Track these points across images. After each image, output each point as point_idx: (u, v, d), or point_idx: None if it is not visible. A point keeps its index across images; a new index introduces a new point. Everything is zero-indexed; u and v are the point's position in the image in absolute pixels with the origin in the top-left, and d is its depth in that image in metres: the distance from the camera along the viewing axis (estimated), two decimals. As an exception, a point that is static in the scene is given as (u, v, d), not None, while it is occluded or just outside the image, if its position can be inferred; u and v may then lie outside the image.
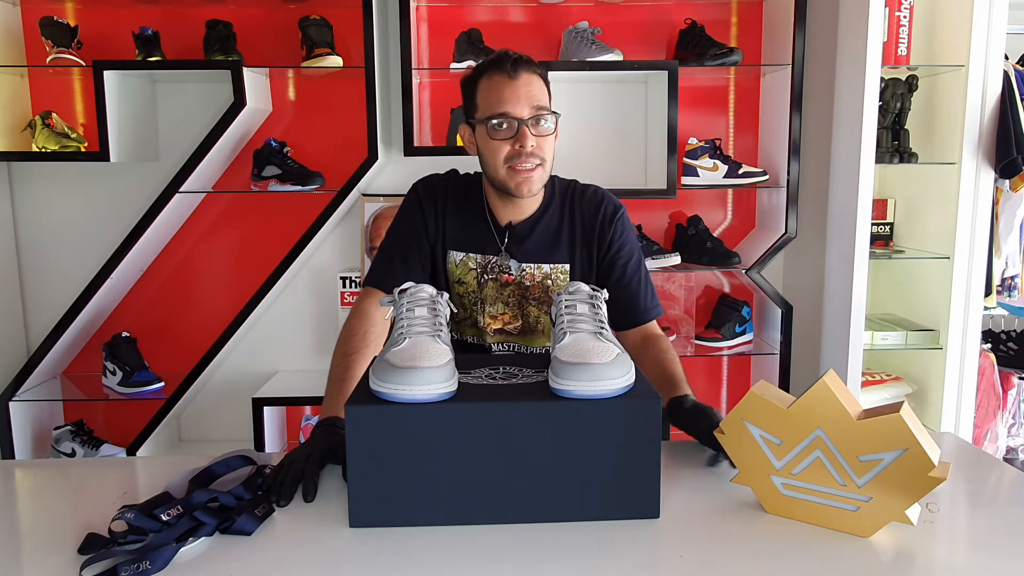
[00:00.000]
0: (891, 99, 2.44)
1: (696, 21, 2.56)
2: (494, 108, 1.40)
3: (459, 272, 1.52)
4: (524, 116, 1.39)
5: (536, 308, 1.51)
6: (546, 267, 1.51)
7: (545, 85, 1.45)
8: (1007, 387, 2.64)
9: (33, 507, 1.15)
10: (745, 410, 1.02)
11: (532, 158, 1.40)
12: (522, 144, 1.39)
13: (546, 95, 1.45)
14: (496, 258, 1.51)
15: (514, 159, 1.40)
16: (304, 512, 1.05)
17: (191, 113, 2.64)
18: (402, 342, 1.05)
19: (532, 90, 1.40)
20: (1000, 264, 2.49)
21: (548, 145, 1.44)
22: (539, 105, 1.41)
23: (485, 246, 1.52)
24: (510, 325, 1.53)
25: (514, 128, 1.39)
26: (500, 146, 1.41)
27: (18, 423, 2.56)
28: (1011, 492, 1.15)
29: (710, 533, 0.99)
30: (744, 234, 2.83)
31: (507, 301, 1.52)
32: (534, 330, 1.53)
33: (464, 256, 1.52)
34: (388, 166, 2.69)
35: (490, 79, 1.41)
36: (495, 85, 1.40)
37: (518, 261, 1.50)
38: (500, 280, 1.51)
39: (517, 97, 1.39)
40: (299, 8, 2.57)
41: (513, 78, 1.39)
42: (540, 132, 1.41)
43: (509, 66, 1.39)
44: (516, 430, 0.99)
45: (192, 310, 2.77)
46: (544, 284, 1.51)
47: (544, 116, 1.41)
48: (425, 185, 1.56)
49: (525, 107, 1.39)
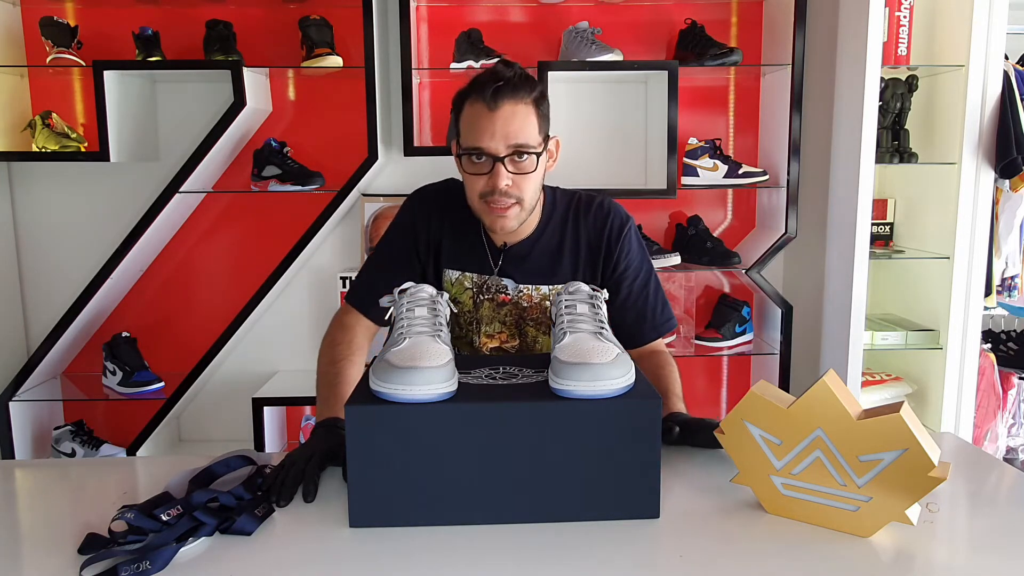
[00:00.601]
0: (891, 99, 2.44)
1: (696, 21, 2.56)
2: (470, 140, 1.31)
3: (455, 291, 1.46)
4: (500, 153, 1.29)
5: (534, 329, 1.45)
6: (545, 288, 1.44)
7: (534, 111, 1.32)
8: (1007, 387, 2.64)
9: (33, 507, 1.15)
10: (745, 410, 1.02)
11: (506, 197, 1.31)
12: (495, 184, 1.30)
13: (533, 126, 1.31)
14: (490, 278, 1.45)
15: (488, 195, 1.32)
16: (304, 512, 1.05)
17: (191, 113, 2.64)
18: (402, 342, 1.05)
19: (512, 125, 1.28)
20: (1000, 264, 2.49)
21: (528, 183, 1.33)
22: (518, 143, 1.29)
23: (481, 266, 1.45)
24: (507, 344, 1.46)
25: (489, 165, 1.30)
26: (475, 180, 1.32)
27: (18, 423, 2.56)
28: (1011, 492, 1.15)
29: (710, 533, 0.99)
30: (744, 234, 2.83)
31: (504, 320, 1.45)
32: (532, 350, 1.46)
33: (460, 275, 1.45)
34: (388, 166, 2.69)
35: (472, 106, 1.31)
36: (474, 115, 1.30)
37: (515, 282, 1.44)
38: (496, 300, 1.45)
39: (493, 132, 1.28)
40: (299, 8, 2.57)
41: (492, 110, 1.28)
42: (519, 170, 1.31)
43: (489, 95, 1.27)
44: (516, 430, 0.99)
45: (192, 310, 2.77)
46: (543, 305, 1.44)
47: (525, 152, 1.30)
48: (421, 200, 1.49)
49: (501, 143, 1.28)
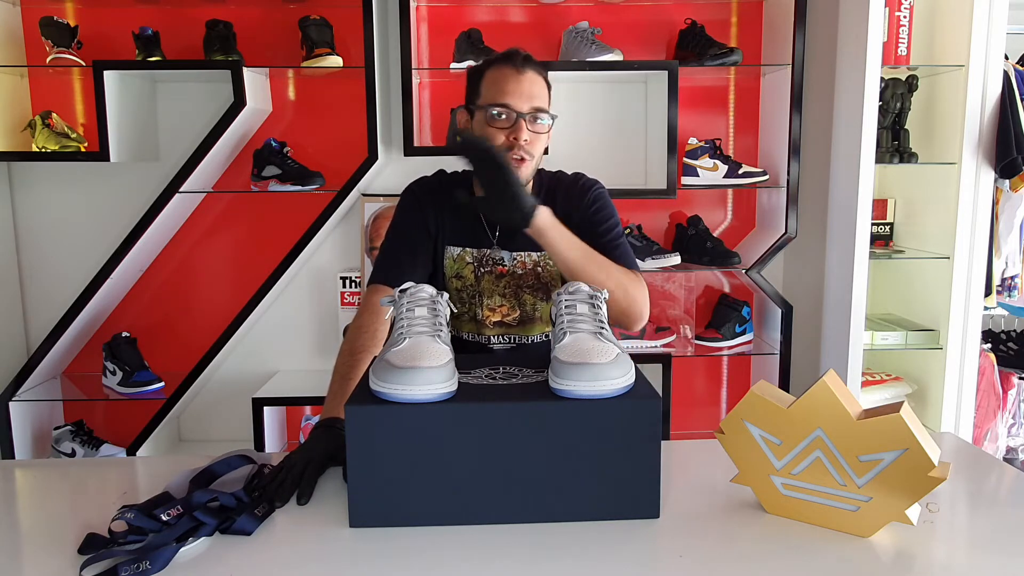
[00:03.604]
0: (891, 99, 2.44)
1: (696, 21, 2.56)
2: (496, 98, 1.45)
3: (456, 266, 1.56)
4: (523, 110, 1.45)
5: (531, 295, 1.57)
6: (535, 255, 1.55)
7: (547, 88, 1.51)
8: (1007, 387, 2.64)
9: (33, 507, 1.15)
10: (745, 410, 1.02)
11: (522, 151, 1.45)
12: (516, 136, 1.44)
13: (546, 97, 1.51)
14: (490, 251, 1.56)
15: (506, 149, 1.45)
16: (304, 512, 1.05)
17: (191, 113, 2.64)
18: (402, 342, 1.05)
19: (535, 88, 1.47)
20: (1000, 264, 2.49)
21: (539, 143, 1.49)
22: (539, 105, 1.47)
23: (479, 240, 1.56)
24: (508, 316, 1.58)
25: (512, 119, 1.45)
26: (496, 134, 1.45)
27: (18, 423, 2.56)
28: (1011, 492, 1.15)
29: (710, 533, 0.99)
30: (744, 234, 2.83)
31: (503, 293, 1.57)
32: (532, 319, 1.58)
33: (461, 251, 1.56)
34: (388, 166, 2.69)
35: (498, 70, 1.47)
36: (502, 76, 1.46)
37: (510, 251, 1.55)
38: (495, 272, 1.56)
39: (520, 92, 1.45)
40: (299, 8, 2.57)
41: (520, 73, 1.46)
42: (535, 129, 1.47)
43: (519, 61, 1.46)
44: (516, 430, 0.99)
45: (192, 310, 2.77)
46: (535, 271, 1.56)
47: (541, 115, 1.47)
48: (419, 185, 1.61)
49: (525, 103, 1.45)
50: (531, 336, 1.59)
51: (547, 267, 1.56)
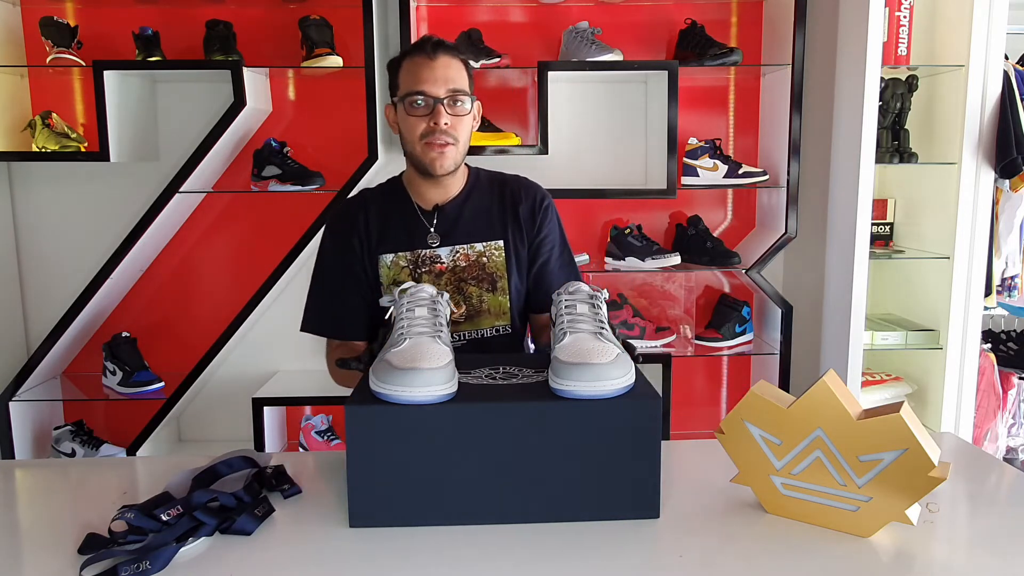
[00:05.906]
0: (891, 99, 2.44)
1: (696, 21, 2.56)
2: (412, 86, 1.47)
3: (393, 273, 1.55)
4: (440, 95, 1.46)
5: (476, 287, 1.56)
6: (479, 245, 1.56)
7: (465, 69, 1.52)
8: (1007, 387, 2.64)
9: (33, 507, 1.15)
10: (745, 410, 1.02)
11: (445, 135, 1.47)
12: (436, 121, 1.45)
13: (464, 79, 1.51)
14: (425, 251, 1.55)
15: (428, 135, 1.47)
16: (304, 512, 1.06)
17: (191, 113, 2.64)
18: (402, 343, 1.05)
19: (450, 72, 1.47)
20: (1000, 264, 2.49)
21: (463, 126, 1.50)
22: (455, 88, 1.47)
23: (413, 240, 1.56)
24: (455, 314, 1.55)
25: (430, 106, 1.46)
26: (416, 122, 1.47)
27: (18, 423, 2.56)
28: (1011, 492, 1.15)
29: (710, 533, 1.00)
30: (744, 234, 2.83)
31: (445, 290, 1.55)
32: (479, 311, 1.57)
33: (395, 256, 1.55)
34: (388, 166, 2.69)
35: (411, 60, 1.49)
36: (415, 65, 1.48)
37: (450, 245, 1.55)
38: (434, 271, 1.55)
39: (434, 78, 1.46)
40: (299, 8, 2.57)
41: (432, 59, 1.47)
42: (455, 112, 1.48)
43: (429, 48, 1.47)
44: (516, 430, 0.99)
45: (192, 310, 2.77)
46: (480, 262, 1.57)
47: (460, 97, 1.48)
48: (336, 216, 1.65)
49: (441, 87, 1.46)
50: (481, 330, 1.56)
51: (492, 257, 1.56)
